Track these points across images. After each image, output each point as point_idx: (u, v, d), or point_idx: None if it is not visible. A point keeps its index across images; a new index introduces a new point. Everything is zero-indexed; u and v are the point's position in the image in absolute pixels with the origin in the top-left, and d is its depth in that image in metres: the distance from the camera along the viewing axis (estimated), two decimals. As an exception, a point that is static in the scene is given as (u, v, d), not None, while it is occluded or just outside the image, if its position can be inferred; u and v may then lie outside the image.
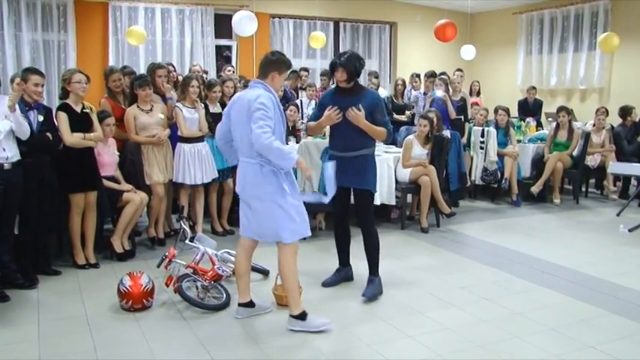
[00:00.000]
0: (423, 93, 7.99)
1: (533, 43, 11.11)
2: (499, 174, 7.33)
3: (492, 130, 7.34)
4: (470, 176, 7.42)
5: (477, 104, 8.52)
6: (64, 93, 4.63)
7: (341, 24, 11.34)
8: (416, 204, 6.41)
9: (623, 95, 9.12)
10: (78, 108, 4.62)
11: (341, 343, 3.39)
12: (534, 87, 9.83)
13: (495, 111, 7.66)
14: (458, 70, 8.74)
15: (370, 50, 11.68)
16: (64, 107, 4.57)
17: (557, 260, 4.97)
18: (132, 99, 5.35)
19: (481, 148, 7.39)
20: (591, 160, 7.68)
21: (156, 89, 5.54)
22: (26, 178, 4.13)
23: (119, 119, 5.23)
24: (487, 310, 3.87)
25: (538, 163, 7.61)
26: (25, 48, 8.60)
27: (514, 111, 9.18)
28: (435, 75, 7.91)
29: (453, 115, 7.31)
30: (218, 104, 5.79)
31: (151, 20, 9.45)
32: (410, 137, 6.25)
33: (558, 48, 10.66)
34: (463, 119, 7.63)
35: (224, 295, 3.96)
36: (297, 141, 6.15)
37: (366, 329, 3.56)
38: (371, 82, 8.47)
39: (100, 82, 6.15)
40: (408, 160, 6.11)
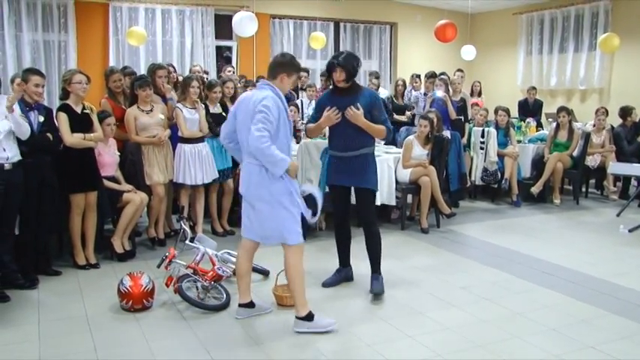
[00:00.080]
0: (424, 93, 7.99)
1: (533, 44, 11.11)
2: (499, 174, 7.33)
3: (492, 131, 7.34)
4: (470, 177, 7.42)
5: (478, 105, 8.51)
6: (65, 93, 4.64)
7: (341, 24, 11.35)
8: (416, 204, 6.41)
9: (623, 95, 9.12)
10: (78, 108, 4.63)
11: (341, 343, 3.39)
12: (534, 87, 9.83)
13: (495, 111, 7.67)
14: (458, 71, 8.75)
15: (370, 51, 11.69)
16: (65, 108, 4.57)
17: (557, 260, 4.97)
18: (132, 99, 5.35)
19: (481, 149, 7.39)
20: (591, 161, 7.68)
21: (156, 90, 5.54)
22: (26, 179, 4.14)
23: (119, 120, 5.24)
24: (487, 311, 3.87)
25: (538, 164, 7.61)
26: (26, 48, 8.61)
27: (514, 111, 9.19)
28: (436, 75, 7.91)
29: (454, 116, 7.31)
30: (218, 105, 5.80)
31: (152, 21, 9.46)
32: (410, 138, 6.25)
33: (558, 48, 10.66)
34: (463, 120, 7.63)
35: (224, 296, 3.96)
36: (297, 141, 6.15)
37: (367, 329, 3.56)
38: (371, 83, 8.47)
39: (101, 83, 6.15)
40: (408, 161, 6.11)
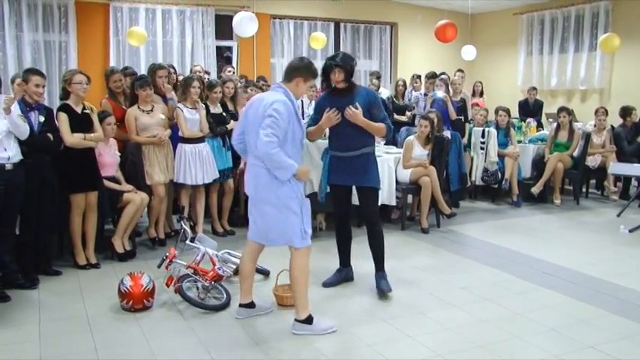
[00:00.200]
0: (424, 94, 8.00)
1: (533, 44, 11.10)
2: (499, 174, 7.32)
3: (493, 131, 7.34)
4: (470, 177, 7.42)
5: (478, 105, 8.51)
6: (65, 94, 4.64)
7: (341, 24, 11.34)
8: (416, 204, 6.41)
9: (623, 96, 9.11)
10: (78, 109, 4.63)
11: (342, 344, 3.39)
12: (535, 87, 9.82)
13: (496, 111, 7.66)
14: (459, 71, 8.74)
15: (371, 51, 11.68)
16: (65, 108, 4.57)
17: (557, 261, 4.97)
18: (132, 100, 5.36)
19: (481, 149, 7.39)
20: (592, 161, 7.68)
21: (156, 90, 5.54)
22: (27, 179, 4.14)
23: (120, 120, 5.24)
24: (487, 311, 3.87)
25: (538, 164, 7.61)
26: (26, 49, 8.60)
27: (514, 111, 9.18)
28: (436, 76, 7.92)
29: (454, 116, 7.31)
30: (219, 105, 5.80)
31: (152, 21, 9.45)
32: (410, 138, 6.25)
33: (559, 49, 10.65)
34: (463, 120, 7.64)
35: (224, 296, 3.96)
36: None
37: (367, 329, 3.56)
38: (371, 83, 8.48)
39: (101, 83, 6.15)
40: (409, 161, 6.11)
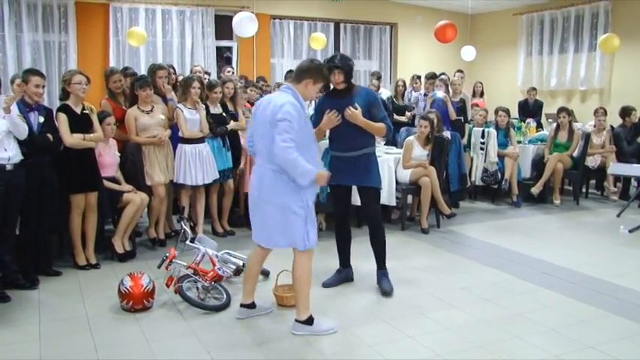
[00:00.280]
0: (424, 94, 8.00)
1: (533, 44, 11.10)
2: (499, 175, 7.32)
3: (492, 131, 7.34)
4: (470, 177, 7.42)
5: (478, 105, 8.52)
6: (64, 94, 4.64)
7: (341, 25, 11.35)
8: (416, 205, 6.41)
9: (623, 96, 9.11)
10: (78, 109, 4.63)
11: (342, 344, 3.39)
12: (535, 88, 9.83)
13: (496, 112, 7.66)
14: (458, 71, 8.75)
15: (370, 51, 11.68)
16: (64, 108, 4.57)
17: (557, 261, 4.97)
18: (132, 100, 5.35)
19: (481, 149, 7.39)
20: (591, 161, 7.68)
21: (156, 90, 5.54)
22: (27, 179, 4.14)
23: (120, 120, 5.24)
24: (487, 311, 3.87)
25: (538, 164, 7.61)
26: (26, 49, 8.61)
27: (514, 112, 9.19)
28: (436, 76, 7.92)
29: (454, 116, 7.31)
30: (219, 105, 5.80)
31: (152, 21, 9.45)
32: (410, 138, 6.25)
33: (559, 49, 10.66)
34: (463, 120, 7.64)
35: (224, 296, 3.97)
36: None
37: (367, 330, 3.57)
38: (371, 83, 8.48)
39: (101, 83, 6.15)
40: (409, 161, 6.11)
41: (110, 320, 3.72)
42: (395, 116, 8.10)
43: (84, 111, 4.66)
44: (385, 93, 8.62)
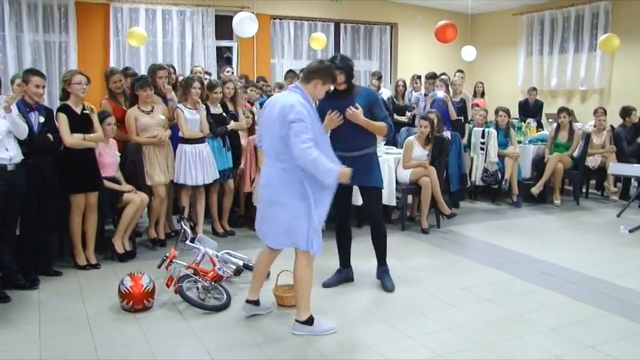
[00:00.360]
0: (424, 94, 8.00)
1: (533, 44, 11.11)
2: (499, 175, 7.32)
3: (493, 131, 7.34)
4: (470, 177, 7.42)
5: (478, 105, 8.51)
6: (64, 94, 4.64)
7: (341, 25, 11.35)
8: (416, 205, 6.41)
9: (623, 96, 9.11)
10: (78, 109, 4.63)
11: (342, 344, 3.39)
12: (535, 88, 9.83)
13: (496, 112, 7.66)
14: (459, 72, 8.75)
15: (371, 51, 11.69)
16: (64, 108, 4.57)
17: (557, 261, 4.97)
18: (133, 100, 5.36)
19: (481, 149, 7.39)
20: (592, 161, 7.68)
21: (157, 90, 5.55)
22: (27, 179, 4.14)
23: (120, 120, 5.24)
24: (487, 311, 3.87)
25: (538, 164, 7.61)
26: (27, 49, 8.61)
27: (514, 112, 9.18)
28: (436, 76, 7.91)
29: (454, 116, 7.31)
30: (219, 105, 5.80)
31: (152, 21, 9.46)
32: (410, 138, 6.26)
33: (559, 49, 10.66)
34: (463, 120, 7.64)
35: (224, 296, 3.97)
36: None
37: (367, 330, 3.57)
38: (372, 84, 8.48)
39: (101, 84, 6.15)
40: (409, 161, 6.11)
41: (110, 320, 3.72)
42: (395, 116, 8.10)
43: (84, 111, 4.67)
44: (385, 93, 8.63)
